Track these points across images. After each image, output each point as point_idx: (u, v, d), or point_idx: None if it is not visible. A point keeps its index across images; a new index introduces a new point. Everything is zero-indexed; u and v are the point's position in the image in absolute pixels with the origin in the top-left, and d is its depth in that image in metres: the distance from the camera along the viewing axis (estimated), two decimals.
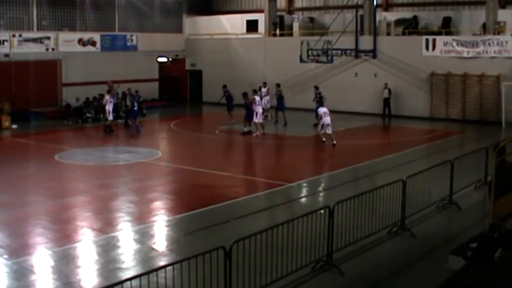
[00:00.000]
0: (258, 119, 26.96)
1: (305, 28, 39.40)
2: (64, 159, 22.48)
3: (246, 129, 27.76)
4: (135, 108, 28.83)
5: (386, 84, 33.58)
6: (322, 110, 25.12)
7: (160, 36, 40.76)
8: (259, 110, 27.08)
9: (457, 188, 15.96)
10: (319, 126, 25.10)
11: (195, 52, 42.50)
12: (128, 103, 30.01)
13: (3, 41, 32.75)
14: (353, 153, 23.80)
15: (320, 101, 29.87)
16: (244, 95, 28.32)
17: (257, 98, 27.48)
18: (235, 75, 38.42)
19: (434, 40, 33.13)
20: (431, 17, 36.15)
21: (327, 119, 24.68)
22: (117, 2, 38.52)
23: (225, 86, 31.68)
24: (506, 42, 30.91)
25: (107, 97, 29.28)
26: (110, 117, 28.92)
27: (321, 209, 12.06)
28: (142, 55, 39.41)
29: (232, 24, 41.96)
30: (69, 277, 11.12)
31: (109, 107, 28.90)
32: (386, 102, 33.75)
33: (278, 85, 31.40)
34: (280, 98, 31.08)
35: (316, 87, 30.86)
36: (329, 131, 24.69)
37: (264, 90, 31.90)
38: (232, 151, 26.08)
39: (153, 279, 8.62)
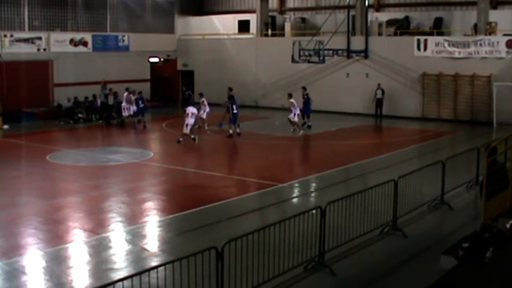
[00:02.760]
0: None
1: (297, 28, 39.45)
2: (56, 159, 22.42)
3: (231, 131, 27.53)
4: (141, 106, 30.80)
5: (379, 84, 33.60)
6: (191, 109, 25.75)
7: (152, 37, 40.71)
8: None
9: (449, 188, 16.01)
10: (184, 125, 25.58)
11: (187, 52, 42.47)
12: (110, 102, 32.19)
13: None
14: (345, 154, 23.84)
15: (307, 102, 29.93)
16: (230, 97, 28.78)
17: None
18: (227, 75, 38.43)
19: (425, 40, 33.23)
20: (422, 17, 36.27)
21: (191, 121, 25.49)
22: (109, 2, 38.46)
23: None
24: (497, 42, 31.04)
25: (130, 96, 30.90)
26: (129, 113, 30.81)
27: (312, 209, 12.06)
28: (134, 55, 39.34)
29: (224, 24, 41.96)
30: (61, 278, 11.09)
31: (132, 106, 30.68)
32: (379, 102, 33.76)
33: (304, 88, 31.06)
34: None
35: (304, 88, 30.80)
36: (186, 130, 25.45)
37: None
38: (223, 151, 26.05)
39: (145, 280, 8.60)
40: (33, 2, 34.44)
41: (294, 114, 28.48)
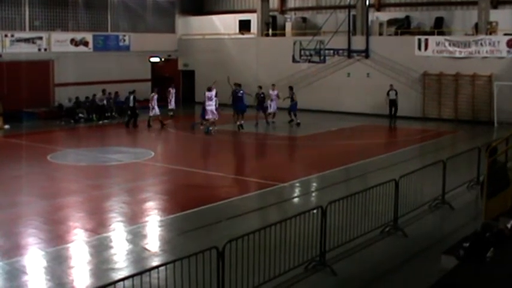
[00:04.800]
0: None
1: (298, 28, 39.44)
2: (56, 159, 22.42)
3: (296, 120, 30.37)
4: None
5: (391, 85, 32.85)
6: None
7: (152, 37, 40.70)
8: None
9: (450, 188, 16.01)
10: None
11: (187, 52, 42.46)
12: (131, 103, 31.06)
13: None
14: (345, 153, 23.83)
15: (262, 101, 30.87)
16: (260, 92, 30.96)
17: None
18: (227, 75, 38.29)
19: (426, 40, 33.21)
20: (423, 17, 36.24)
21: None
22: (110, 2, 38.44)
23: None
24: (498, 42, 31.03)
25: (152, 94, 31.24)
26: (157, 112, 30.67)
27: (313, 209, 12.07)
28: (134, 55, 39.32)
29: (224, 24, 41.95)
30: (62, 278, 11.09)
31: (154, 104, 30.72)
32: (393, 103, 32.97)
33: (273, 85, 31.67)
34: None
35: (260, 87, 31.74)
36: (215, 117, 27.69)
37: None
38: (224, 151, 26.04)
39: (145, 280, 8.60)
40: (34, 2, 34.42)
41: (270, 106, 30.85)
